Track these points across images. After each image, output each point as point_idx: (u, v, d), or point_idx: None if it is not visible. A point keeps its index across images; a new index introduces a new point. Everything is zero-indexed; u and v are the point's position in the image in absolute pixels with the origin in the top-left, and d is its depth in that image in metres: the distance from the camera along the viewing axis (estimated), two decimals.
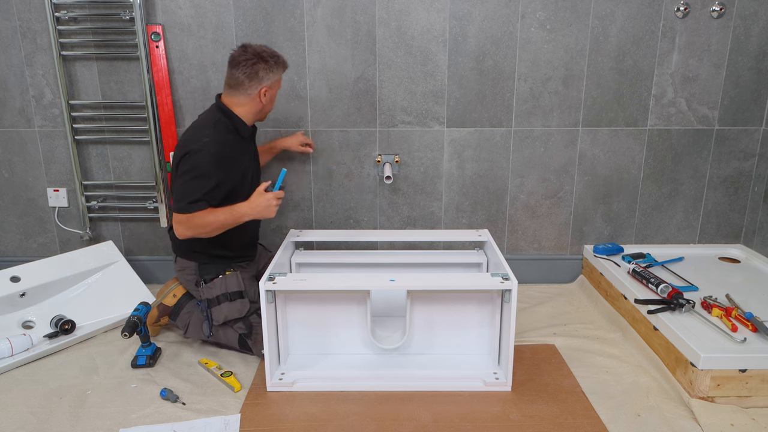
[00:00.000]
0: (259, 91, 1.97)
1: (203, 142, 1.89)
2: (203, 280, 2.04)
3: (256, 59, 1.93)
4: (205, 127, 1.96)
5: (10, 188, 2.63)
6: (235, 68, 1.95)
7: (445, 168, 2.57)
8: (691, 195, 2.61)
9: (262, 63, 1.94)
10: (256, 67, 1.93)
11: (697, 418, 1.68)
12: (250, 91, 1.97)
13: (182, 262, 2.09)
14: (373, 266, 2.23)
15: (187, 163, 1.89)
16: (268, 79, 1.97)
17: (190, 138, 1.94)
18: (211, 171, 1.89)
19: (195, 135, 1.94)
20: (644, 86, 2.47)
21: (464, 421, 1.69)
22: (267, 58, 1.95)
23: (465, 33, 2.41)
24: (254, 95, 1.98)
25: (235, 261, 2.12)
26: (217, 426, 1.67)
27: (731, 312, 1.95)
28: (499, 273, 1.83)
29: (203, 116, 2.04)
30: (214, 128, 1.95)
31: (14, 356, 2.00)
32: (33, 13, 2.39)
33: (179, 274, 2.12)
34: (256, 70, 1.94)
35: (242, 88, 1.97)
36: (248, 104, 2.00)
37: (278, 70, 1.99)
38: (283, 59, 2.01)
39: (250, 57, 1.93)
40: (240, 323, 2.02)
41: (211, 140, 1.90)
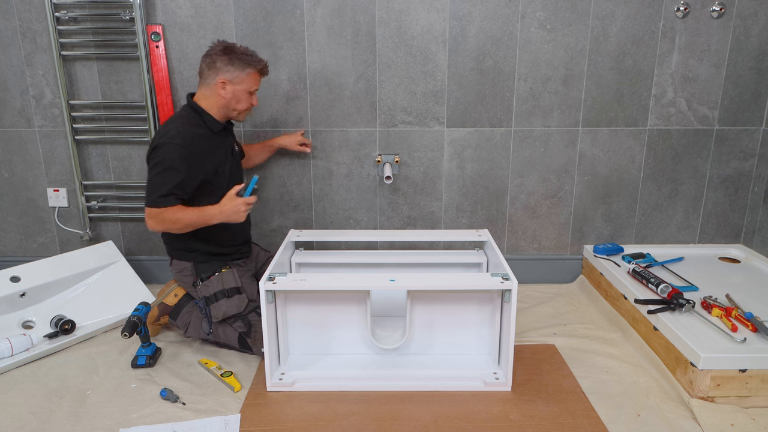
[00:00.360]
0: (216, 81, 1.96)
1: (169, 136, 1.90)
2: (200, 278, 2.04)
3: (220, 51, 1.95)
4: (172, 121, 1.98)
5: (10, 188, 2.63)
6: (203, 60, 1.99)
7: (445, 168, 2.57)
8: (691, 195, 2.61)
9: (224, 55, 1.95)
10: (215, 57, 1.95)
11: (697, 418, 1.68)
12: (209, 80, 1.98)
13: (178, 264, 2.09)
14: (373, 266, 2.23)
15: (156, 156, 1.90)
16: (227, 72, 1.95)
17: (159, 132, 1.96)
18: (179, 164, 1.89)
19: (163, 129, 1.96)
20: (644, 86, 2.47)
21: (464, 421, 1.69)
22: (230, 52, 1.95)
23: (465, 33, 2.41)
24: (213, 85, 1.97)
25: (230, 258, 2.12)
26: (217, 426, 1.67)
27: (731, 312, 1.95)
28: (499, 273, 1.83)
29: (176, 113, 2.05)
30: (181, 122, 1.96)
31: (14, 356, 2.00)
32: (33, 13, 2.39)
33: (177, 276, 2.12)
34: (214, 60, 1.95)
35: (203, 78, 2.00)
36: (211, 96, 2.00)
37: (241, 66, 1.96)
38: (257, 60, 1.99)
39: (214, 49, 1.97)
40: (239, 322, 2.02)
41: (177, 133, 1.91)
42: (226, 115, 2.06)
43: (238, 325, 2.02)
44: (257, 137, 2.53)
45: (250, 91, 2.03)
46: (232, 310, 2.01)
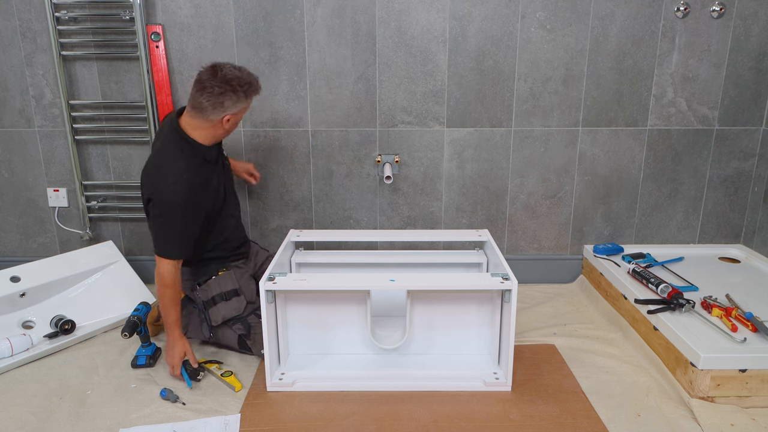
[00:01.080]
0: (222, 119, 1.84)
1: (168, 184, 1.80)
2: (197, 283, 2.03)
3: (224, 88, 1.78)
4: (167, 159, 1.84)
5: (10, 188, 2.63)
6: (200, 93, 1.79)
7: (445, 168, 2.57)
8: (691, 195, 2.61)
9: (230, 93, 1.80)
10: (222, 97, 1.79)
11: (697, 418, 1.68)
12: (211, 117, 1.83)
13: None
14: (373, 266, 2.23)
15: (158, 209, 1.82)
16: (234, 108, 1.84)
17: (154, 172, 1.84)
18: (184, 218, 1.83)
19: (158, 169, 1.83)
20: (644, 86, 2.47)
21: (464, 421, 1.69)
22: (237, 88, 1.80)
23: (465, 33, 2.41)
24: (216, 122, 1.85)
25: (228, 261, 2.10)
26: (217, 426, 1.67)
27: (731, 312, 1.95)
28: (499, 273, 1.83)
29: (164, 143, 1.89)
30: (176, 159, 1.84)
31: (14, 356, 2.00)
32: (33, 13, 2.39)
33: None
34: (221, 101, 1.80)
35: (204, 114, 1.83)
36: (209, 129, 1.87)
37: (247, 99, 1.86)
38: (256, 86, 1.87)
39: (218, 84, 1.78)
40: (238, 324, 2.01)
41: (175, 180, 1.80)
42: (216, 141, 1.95)
43: (237, 327, 2.01)
44: (257, 137, 2.53)
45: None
46: (231, 313, 2.00)
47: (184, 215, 1.83)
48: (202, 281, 2.03)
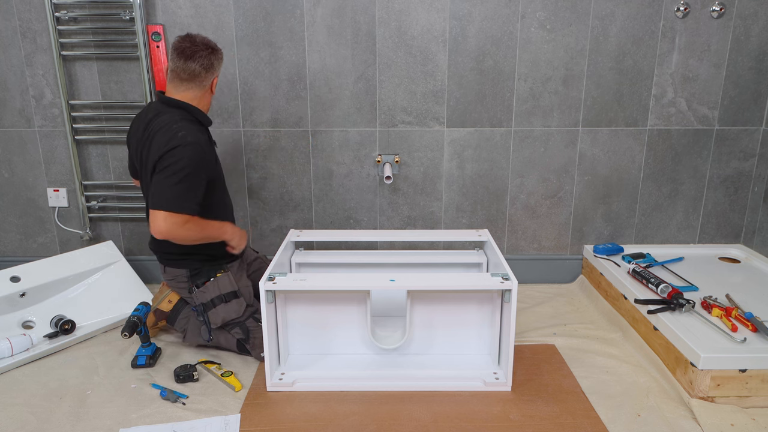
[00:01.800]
0: (212, 82, 1.96)
1: (181, 137, 1.81)
2: (195, 285, 2.00)
3: (209, 50, 1.90)
4: (172, 122, 1.86)
5: (10, 188, 2.63)
6: (190, 59, 1.87)
7: (445, 168, 2.57)
8: (691, 195, 2.61)
9: (215, 53, 1.92)
10: (211, 57, 1.91)
11: (697, 418, 1.68)
12: (205, 82, 1.93)
13: (172, 271, 2.03)
14: (373, 266, 2.23)
15: (173, 160, 1.80)
16: (219, 69, 1.97)
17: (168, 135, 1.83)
18: (198, 169, 1.83)
19: (167, 130, 1.83)
20: (644, 86, 2.47)
21: (464, 421, 1.69)
22: (216, 48, 1.93)
23: (465, 33, 2.41)
24: (207, 86, 1.95)
25: (225, 262, 2.07)
26: (217, 426, 1.67)
27: (731, 312, 1.95)
28: (499, 273, 1.83)
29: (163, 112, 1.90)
30: (181, 121, 1.87)
31: (14, 356, 2.00)
32: (33, 13, 2.39)
33: (170, 283, 2.08)
34: (211, 61, 1.91)
35: (198, 80, 1.91)
36: (201, 96, 1.95)
37: (223, 59, 1.99)
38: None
39: (203, 48, 1.89)
40: (237, 328, 2.00)
41: (188, 133, 1.83)
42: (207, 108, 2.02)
43: (235, 332, 2.00)
44: (257, 137, 2.53)
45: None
46: (231, 315, 1.99)
47: (199, 163, 1.83)
48: (200, 283, 2.00)
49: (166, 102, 1.93)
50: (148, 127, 1.91)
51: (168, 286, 2.14)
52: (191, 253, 2.00)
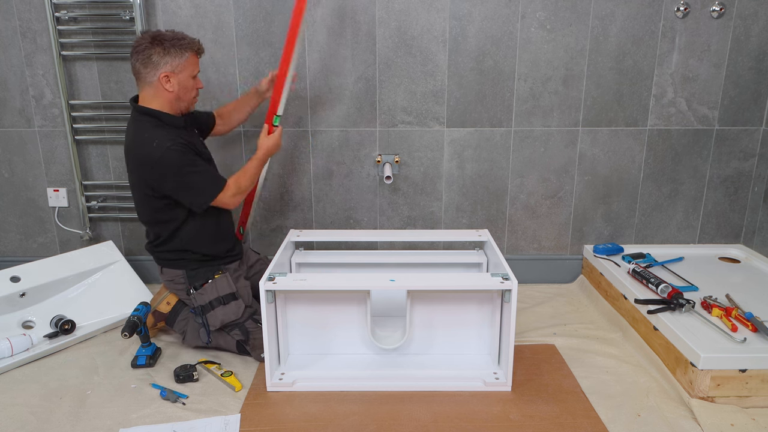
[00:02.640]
0: (158, 77, 1.83)
1: (157, 146, 1.80)
2: (193, 287, 1.99)
3: (149, 44, 1.81)
4: (139, 132, 1.85)
5: (10, 188, 2.63)
6: (131, 57, 1.84)
7: (445, 168, 2.57)
8: (691, 195, 2.61)
9: (156, 47, 1.80)
10: (147, 51, 1.80)
11: (697, 418, 1.68)
12: (149, 78, 1.83)
13: (169, 272, 2.03)
14: (373, 266, 2.23)
15: (168, 167, 1.81)
16: (167, 64, 1.82)
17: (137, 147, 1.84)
18: (192, 158, 1.86)
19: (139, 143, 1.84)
20: (644, 86, 2.47)
21: (464, 421, 1.69)
22: (162, 41, 1.81)
23: (465, 33, 2.41)
24: (155, 83, 1.84)
25: (223, 262, 2.06)
26: (217, 426, 1.67)
27: (731, 312, 1.95)
28: (499, 273, 1.83)
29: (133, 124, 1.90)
30: (149, 130, 1.85)
31: (14, 356, 2.00)
32: (33, 13, 2.39)
33: (168, 285, 2.08)
34: (148, 55, 1.81)
35: (142, 78, 1.85)
36: (158, 96, 1.87)
37: (180, 53, 1.84)
38: (190, 41, 1.87)
39: (146, 42, 1.81)
40: (236, 330, 2.00)
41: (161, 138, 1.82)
42: (179, 109, 1.93)
43: (235, 334, 2.00)
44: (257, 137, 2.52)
45: (193, 76, 1.91)
46: (230, 317, 1.98)
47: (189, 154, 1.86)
48: (198, 285, 1.99)
49: (135, 108, 1.90)
50: (126, 133, 1.94)
51: (166, 287, 2.15)
52: (187, 251, 2.00)
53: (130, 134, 1.91)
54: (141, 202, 1.96)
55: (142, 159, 1.85)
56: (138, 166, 1.87)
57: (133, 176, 1.92)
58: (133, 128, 1.89)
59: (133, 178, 1.93)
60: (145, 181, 1.87)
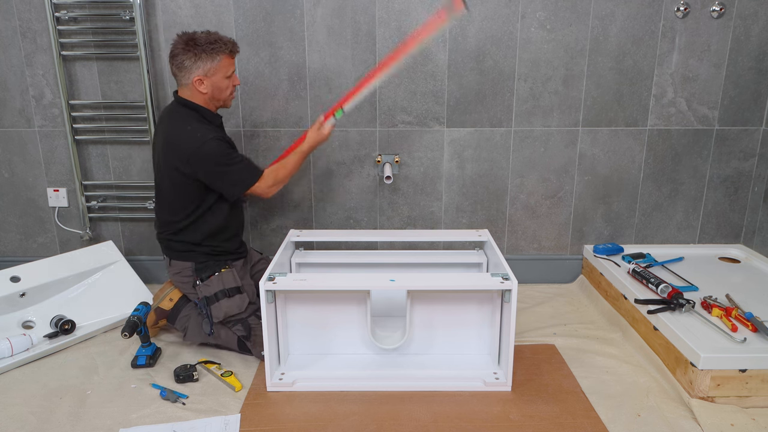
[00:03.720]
0: (192, 81, 1.91)
1: (199, 138, 1.88)
2: (200, 278, 2.02)
3: (182, 49, 1.88)
4: (183, 123, 1.92)
5: (10, 188, 2.63)
6: (170, 60, 1.92)
7: (445, 168, 2.57)
8: (691, 195, 2.61)
9: (189, 52, 1.87)
10: (181, 57, 1.88)
11: (697, 418, 1.68)
12: (184, 81, 1.93)
13: (178, 264, 2.06)
14: (373, 266, 2.23)
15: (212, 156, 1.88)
16: (199, 68, 1.90)
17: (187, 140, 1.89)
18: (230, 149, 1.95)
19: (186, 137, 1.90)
20: (644, 86, 2.47)
21: (464, 421, 1.69)
22: (195, 46, 1.87)
23: (465, 33, 2.41)
24: (190, 85, 1.93)
25: (230, 259, 2.10)
26: (217, 426, 1.67)
27: (731, 312, 1.95)
28: (499, 273, 1.83)
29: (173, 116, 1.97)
30: (191, 122, 1.92)
31: (14, 356, 2.00)
32: (33, 13, 2.39)
33: (175, 278, 2.10)
34: (181, 60, 1.89)
35: (177, 80, 1.94)
36: (194, 96, 1.95)
37: (212, 56, 1.89)
38: (223, 44, 1.91)
39: (177, 47, 1.89)
40: (239, 325, 2.01)
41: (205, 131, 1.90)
42: (216, 107, 2.03)
43: (237, 329, 2.01)
44: (257, 137, 2.53)
45: (228, 76, 1.97)
46: (233, 310, 2.00)
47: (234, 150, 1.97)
48: (204, 276, 2.02)
49: (177, 100, 1.98)
50: (163, 122, 1.99)
51: (171, 282, 2.17)
52: (199, 245, 2.03)
53: (171, 125, 1.95)
54: (171, 190, 1.98)
55: (183, 149, 1.90)
56: (178, 155, 1.91)
57: (169, 165, 1.94)
58: (175, 119, 1.95)
59: (168, 167, 1.95)
60: (182, 170, 1.92)
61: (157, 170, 2.03)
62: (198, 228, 2.02)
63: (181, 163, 1.91)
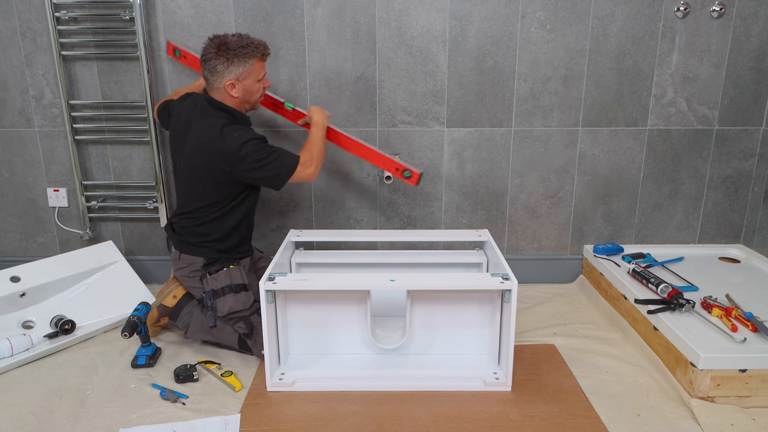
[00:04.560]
0: (224, 85, 1.93)
1: (237, 137, 1.89)
2: (208, 272, 2.03)
3: (214, 54, 1.89)
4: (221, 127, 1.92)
5: (10, 188, 2.63)
6: (202, 64, 1.94)
7: (445, 168, 2.57)
8: (691, 195, 2.61)
9: (221, 57, 1.89)
10: (213, 62, 1.90)
11: (697, 418, 1.68)
12: (216, 85, 1.94)
13: (187, 258, 2.07)
14: (373, 266, 2.23)
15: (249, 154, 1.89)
16: (231, 73, 1.91)
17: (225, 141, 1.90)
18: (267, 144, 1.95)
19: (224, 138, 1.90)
20: (644, 86, 2.47)
21: (464, 421, 1.69)
22: (227, 50, 1.88)
23: (465, 33, 2.41)
24: (222, 89, 1.94)
25: (238, 257, 2.11)
26: (217, 426, 1.67)
27: (731, 312, 1.95)
28: (499, 273, 1.83)
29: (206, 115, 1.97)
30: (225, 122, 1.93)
31: (14, 356, 2.00)
32: (33, 13, 2.39)
33: (181, 272, 2.10)
34: (214, 65, 1.90)
35: (209, 84, 1.95)
36: (225, 99, 1.97)
37: (244, 61, 1.91)
38: (254, 48, 1.93)
39: (209, 51, 1.90)
40: (241, 323, 2.01)
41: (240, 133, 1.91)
42: (245, 109, 2.05)
43: (239, 326, 2.01)
44: None
45: (259, 79, 1.99)
46: (238, 306, 2.00)
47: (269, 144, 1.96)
48: (213, 270, 2.03)
49: (208, 100, 1.98)
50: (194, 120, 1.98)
51: (176, 278, 2.18)
52: (207, 245, 2.04)
53: (206, 125, 1.94)
54: (205, 185, 1.98)
55: (224, 151, 1.90)
56: (216, 155, 1.91)
57: (203, 164, 1.94)
58: (208, 120, 1.94)
59: (203, 166, 1.94)
60: (223, 169, 1.92)
61: (185, 164, 2.01)
62: (223, 222, 2.04)
63: (221, 163, 1.91)
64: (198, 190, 2.00)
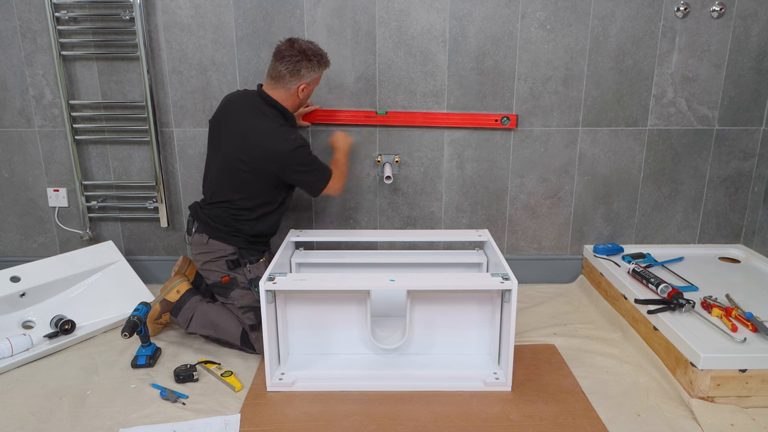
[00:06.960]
0: (297, 87, 2.05)
1: (292, 140, 2.00)
2: (248, 261, 2.10)
3: (300, 56, 2.01)
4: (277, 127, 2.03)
5: (10, 188, 2.63)
6: (279, 61, 2.02)
7: (445, 168, 2.57)
8: (691, 195, 2.61)
9: (305, 61, 2.01)
10: (299, 64, 2.01)
11: (697, 418, 1.68)
12: (289, 85, 2.04)
13: (216, 244, 2.09)
14: (373, 266, 2.23)
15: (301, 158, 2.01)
16: (308, 77, 2.05)
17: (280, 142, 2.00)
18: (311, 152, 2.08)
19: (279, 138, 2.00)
20: (644, 86, 2.47)
21: (464, 421, 1.69)
22: (311, 57, 2.03)
23: (465, 33, 2.41)
24: (293, 90, 2.05)
25: (264, 248, 2.22)
26: (217, 426, 1.67)
27: (731, 312, 1.95)
28: (499, 273, 1.83)
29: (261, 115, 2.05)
30: (279, 122, 2.05)
31: (14, 356, 2.00)
32: (33, 13, 2.39)
33: (204, 255, 2.11)
34: (298, 68, 2.01)
35: (283, 82, 2.04)
36: (287, 99, 2.08)
37: (320, 69, 2.07)
38: (327, 59, 2.09)
39: (295, 53, 2.01)
40: (251, 313, 2.03)
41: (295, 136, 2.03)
42: (295, 110, 2.16)
43: (248, 317, 2.02)
44: None
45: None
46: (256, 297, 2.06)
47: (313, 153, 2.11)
48: (253, 260, 2.11)
49: (263, 97, 2.08)
50: (242, 112, 2.07)
51: (178, 275, 2.23)
52: (240, 235, 2.10)
53: (263, 123, 2.03)
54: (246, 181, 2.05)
55: (274, 149, 2.00)
56: (267, 153, 2.00)
57: (251, 159, 2.01)
58: (264, 118, 2.04)
59: (250, 161, 2.01)
60: (267, 167, 2.02)
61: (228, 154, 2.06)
62: (265, 219, 2.12)
63: (270, 162, 2.00)
64: (236, 183, 2.06)
